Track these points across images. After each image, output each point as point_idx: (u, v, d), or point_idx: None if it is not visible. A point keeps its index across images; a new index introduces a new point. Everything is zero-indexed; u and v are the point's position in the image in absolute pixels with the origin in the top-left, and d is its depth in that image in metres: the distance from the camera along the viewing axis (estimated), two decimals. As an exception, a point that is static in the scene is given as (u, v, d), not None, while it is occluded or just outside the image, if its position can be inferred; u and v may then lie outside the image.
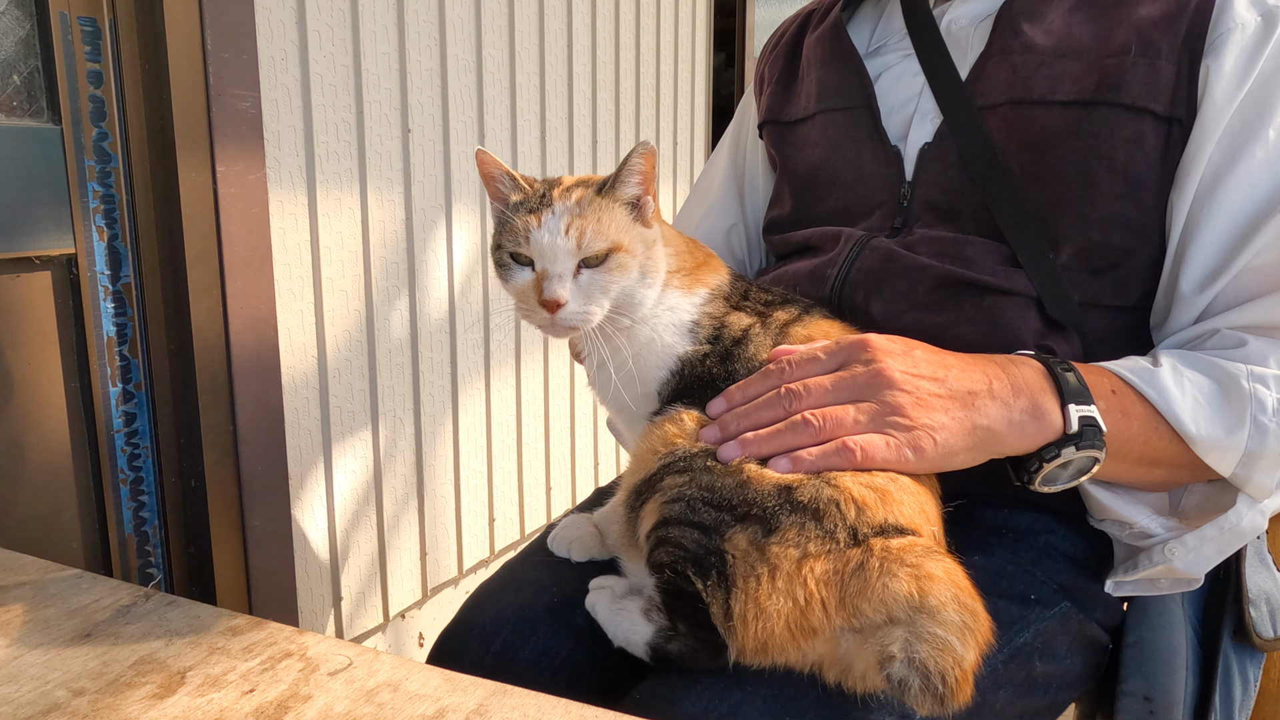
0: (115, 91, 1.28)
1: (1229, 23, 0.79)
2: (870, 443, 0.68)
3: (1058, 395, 0.72)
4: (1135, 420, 0.74)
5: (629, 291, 0.74)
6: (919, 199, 0.90)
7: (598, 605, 0.75)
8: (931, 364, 0.72)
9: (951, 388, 0.71)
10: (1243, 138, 0.78)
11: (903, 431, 0.69)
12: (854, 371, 0.71)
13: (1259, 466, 0.72)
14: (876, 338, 0.73)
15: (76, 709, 0.58)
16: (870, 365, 0.71)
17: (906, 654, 0.59)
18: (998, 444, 0.72)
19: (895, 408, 0.69)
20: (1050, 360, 0.74)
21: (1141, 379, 0.74)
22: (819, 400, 0.71)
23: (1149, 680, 0.82)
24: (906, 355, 0.72)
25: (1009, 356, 0.75)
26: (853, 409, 0.70)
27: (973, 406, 0.71)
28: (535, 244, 0.73)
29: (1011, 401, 0.71)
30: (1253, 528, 0.75)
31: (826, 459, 0.68)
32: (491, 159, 0.78)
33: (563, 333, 0.75)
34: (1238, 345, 0.76)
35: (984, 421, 0.70)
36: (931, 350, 0.74)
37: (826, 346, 0.74)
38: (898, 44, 0.98)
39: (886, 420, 0.69)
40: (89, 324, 1.28)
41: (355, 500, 1.75)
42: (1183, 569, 0.77)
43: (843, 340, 0.74)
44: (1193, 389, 0.74)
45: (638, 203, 0.76)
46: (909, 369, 0.71)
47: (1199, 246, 0.79)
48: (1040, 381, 0.72)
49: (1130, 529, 0.80)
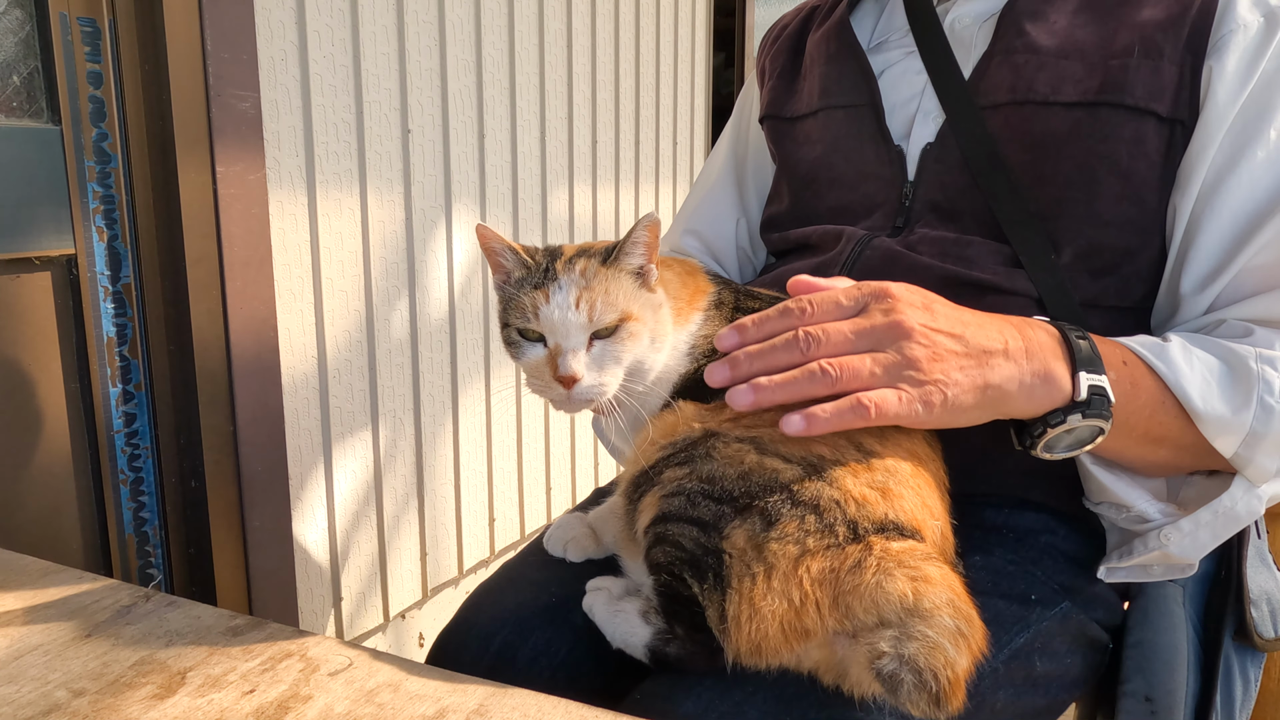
0: (115, 92, 1.28)
1: (1231, 24, 0.79)
2: (884, 400, 0.66)
3: (1069, 361, 0.71)
4: (1143, 393, 0.73)
5: (640, 358, 0.74)
6: (921, 199, 0.90)
7: (595, 606, 0.75)
8: (950, 319, 0.71)
9: (969, 344, 0.70)
10: (1244, 138, 0.78)
11: (915, 386, 0.67)
12: (873, 320, 0.69)
13: (1261, 448, 0.72)
14: (898, 286, 0.71)
15: (77, 709, 0.58)
16: (890, 315, 0.69)
17: (896, 650, 0.59)
18: (1006, 404, 0.71)
19: (911, 360, 0.68)
20: (1065, 326, 0.74)
21: (1153, 353, 0.74)
22: (837, 348, 0.68)
23: (1150, 681, 0.82)
24: (926, 309, 0.70)
25: (1025, 319, 0.74)
26: (869, 359, 0.68)
27: (987, 365, 0.70)
28: (546, 320, 0.72)
29: (1024, 363, 0.70)
30: (1249, 512, 0.74)
31: (841, 418, 0.66)
32: (492, 233, 0.76)
33: (579, 407, 0.74)
34: (1245, 334, 0.76)
35: (996, 380, 0.70)
36: (951, 305, 0.73)
37: (848, 291, 0.72)
38: (900, 40, 0.98)
39: (902, 374, 0.67)
40: (89, 324, 1.28)
41: (355, 500, 1.75)
42: (1178, 554, 0.76)
43: (864, 285, 0.72)
44: (1201, 367, 0.74)
45: (642, 270, 0.75)
46: (927, 322, 0.69)
47: (1200, 247, 0.80)
48: (1054, 346, 0.72)
49: (1128, 512, 0.79)
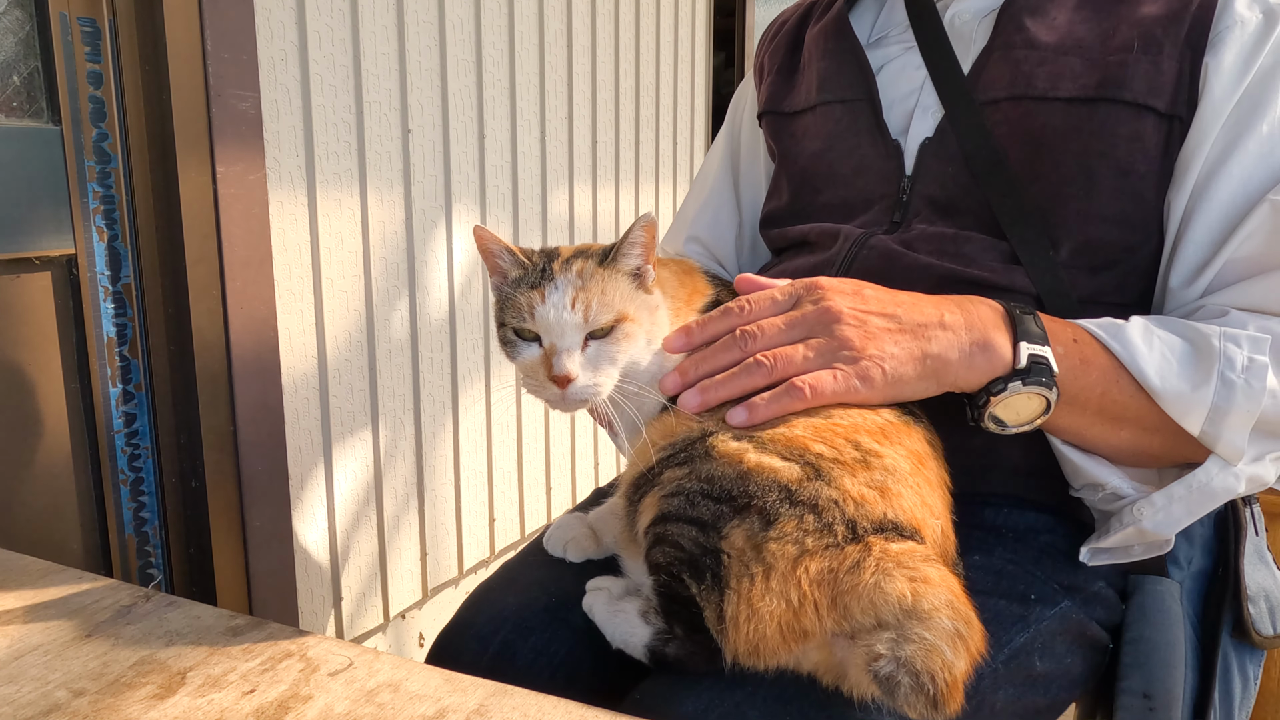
0: (115, 92, 1.28)
1: (1229, 20, 0.79)
2: (818, 380, 0.70)
3: (1010, 333, 0.73)
4: (1094, 370, 0.74)
5: (636, 359, 0.74)
6: (919, 194, 0.90)
7: (595, 607, 0.75)
8: (881, 300, 0.74)
9: (901, 321, 0.73)
10: (1237, 133, 0.78)
11: (850, 364, 0.71)
12: (804, 310, 0.74)
13: (1227, 424, 0.72)
14: (828, 279, 0.76)
15: (77, 709, 0.58)
16: (819, 303, 0.73)
17: (893, 652, 0.58)
18: (948, 373, 0.73)
19: (843, 340, 0.71)
20: (1010, 304, 0.76)
21: (1107, 332, 0.75)
22: (772, 340, 0.73)
23: (1148, 677, 0.82)
24: (856, 294, 0.74)
25: (969, 297, 0.77)
26: (802, 347, 0.72)
27: (923, 336, 0.72)
28: (541, 319, 0.73)
29: (964, 334, 0.73)
30: (1225, 489, 0.74)
31: (779, 402, 0.69)
32: (490, 235, 0.77)
33: (573, 406, 0.74)
34: (1220, 315, 0.77)
35: (934, 350, 0.72)
36: (883, 290, 0.76)
37: (783, 288, 0.76)
38: (899, 36, 0.98)
39: (835, 354, 0.71)
40: (89, 324, 1.28)
41: (355, 500, 1.75)
42: (1152, 529, 0.76)
43: (797, 281, 0.77)
44: (1161, 345, 0.74)
45: (639, 271, 0.76)
46: (857, 305, 0.73)
47: (1189, 241, 0.80)
48: (994, 318, 0.74)
49: (1103, 490, 0.80)
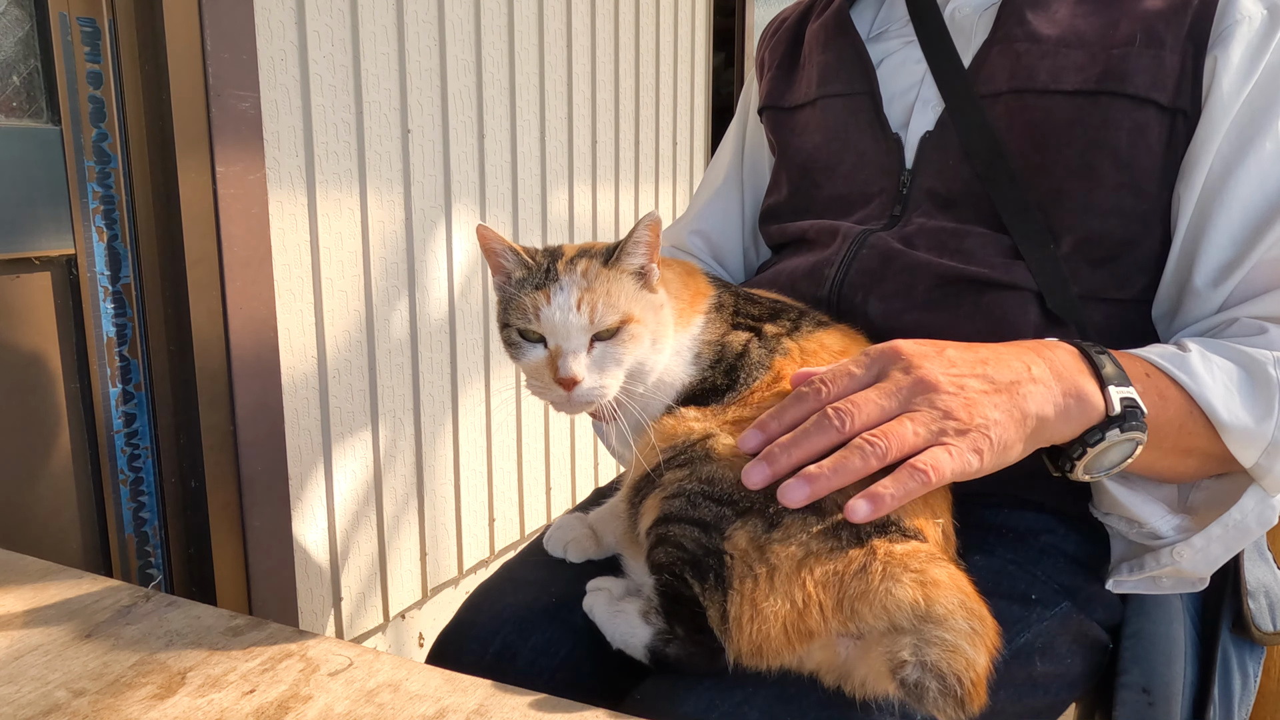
0: (115, 92, 1.28)
1: (1235, 15, 0.79)
2: (937, 460, 0.63)
3: (1095, 377, 0.69)
4: (1171, 405, 0.72)
5: (641, 360, 0.73)
6: (919, 187, 0.90)
7: (596, 607, 0.75)
8: (968, 360, 0.68)
9: (994, 381, 0.67)
10: (1251, 130, 0.78)
11: (960, 436, 0.65)
12: (896, 381, 0.67)
13: None
14: (905, 343, 0.69)
15: (77, 709, 0.58)
16: (911, 372, 0.67)
17: (918, 658, 0.58)
18: (1046, 431, 0.69)
19: (946, 412, 0.65)
20: (1082, 343, 0.72)
21: (1174, 364, 0.72)
22: (870, 415, 0.65)
23: (1147, 672, 0.81)
24: (940, 355, 0.68)
25: (1041, 341, 0.73)
26: (909, 421, 0.65)
27: (1018, 394, 0.67)
28: (546, 321, 0.71)
29: (1054, 385, 0.68)
30: (1261, 523, 0.73)
31: (904, 487, 0.62)
32: (493, 234, 0.75)
33: (579, 409, 0.73)
34: (1258, 333, 0.75)
35: (1032, 409, 0.68)
36: (962, 346, 0.71)
37: (856, 359, 0.69)
38: (900, 30, 0.98)
39: (943, 427, 0.65)
40: (89, 325, 1.28)
41: (355, 500, 1.75)
42: (1190, 569, 0.76)
43: (870, 350, 0.70)
44: (1222, 375, 0.72)
45: (643, 270, 0.74)
46: (948, 370, 0.67)
47: (1211, 240, 0.79)
48: (1077, 364, 0.70)
49: (1140, 528, 0.78)
